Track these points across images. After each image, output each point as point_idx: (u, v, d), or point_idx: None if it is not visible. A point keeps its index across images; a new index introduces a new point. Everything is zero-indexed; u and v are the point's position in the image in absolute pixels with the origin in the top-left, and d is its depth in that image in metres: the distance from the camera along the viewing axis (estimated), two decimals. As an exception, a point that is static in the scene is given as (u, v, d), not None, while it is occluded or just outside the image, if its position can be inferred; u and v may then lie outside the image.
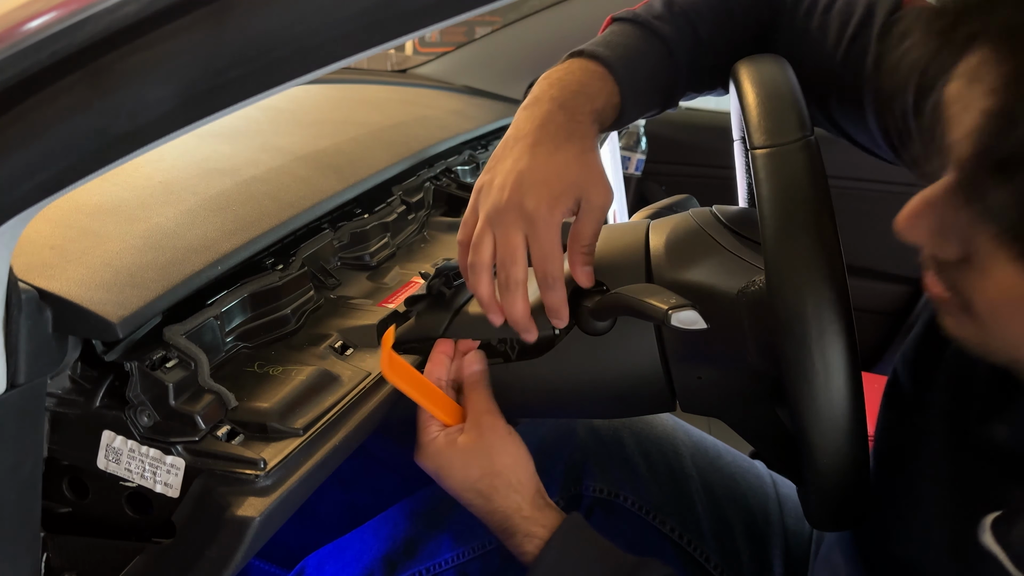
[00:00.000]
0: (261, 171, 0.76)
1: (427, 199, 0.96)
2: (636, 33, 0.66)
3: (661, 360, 0.62)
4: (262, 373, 0.60)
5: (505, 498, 0.61)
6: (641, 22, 0.66)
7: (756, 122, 0.53)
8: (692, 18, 0.67)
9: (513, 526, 0.61)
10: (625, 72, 0.63)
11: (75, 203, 0.62)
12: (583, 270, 0.60)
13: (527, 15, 1.40)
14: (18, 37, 0.38)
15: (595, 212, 0.59)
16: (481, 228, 0.59)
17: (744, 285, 0.58)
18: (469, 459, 0.61)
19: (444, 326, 0.67)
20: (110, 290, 0.52)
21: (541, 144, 0.58)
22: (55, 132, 0.39)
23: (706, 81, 0.71)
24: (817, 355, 0.48)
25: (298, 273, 0.69)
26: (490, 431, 0.62)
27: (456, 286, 0.69)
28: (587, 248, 0.60)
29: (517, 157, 0.59)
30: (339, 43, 0.39)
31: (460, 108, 1.26)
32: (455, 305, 0.68)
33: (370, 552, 0.75)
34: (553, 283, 0.58)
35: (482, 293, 0.60)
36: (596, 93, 0.62)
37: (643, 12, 0.67)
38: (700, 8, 0.68)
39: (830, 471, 0.50)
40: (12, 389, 0.46)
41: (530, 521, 0.61)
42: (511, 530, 0.61)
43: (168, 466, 0.53)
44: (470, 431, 0.62)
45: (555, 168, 0.58)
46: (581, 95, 0.61)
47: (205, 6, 0.38)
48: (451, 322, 0.67)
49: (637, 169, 1.75)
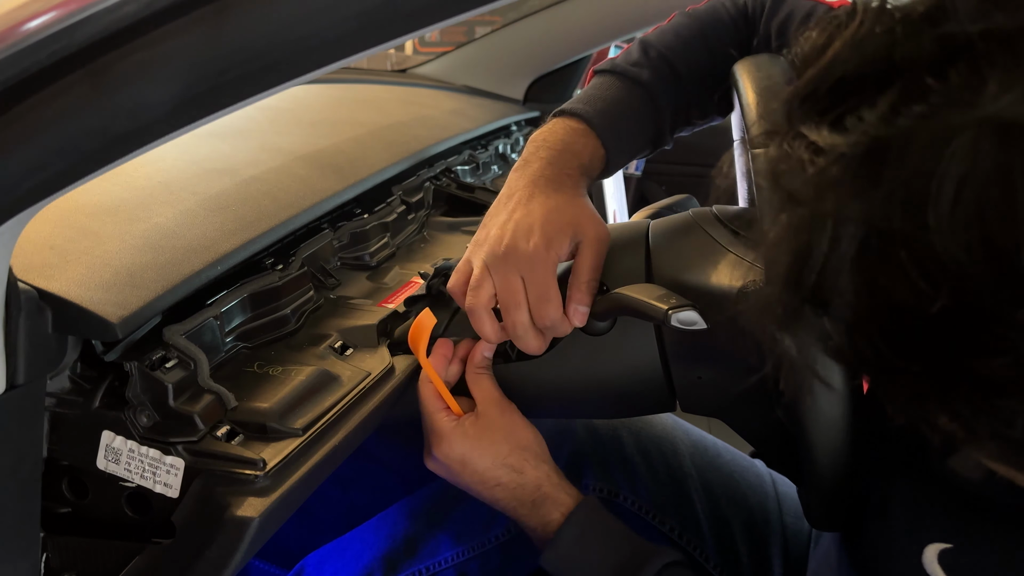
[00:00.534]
0: (261, 171, 0.76)
1: (427, 199, 0.96)
2: (615, 84, 0.70)
3: (661, 360, 0.62)
4: (262, 373, 0.60)
5: (536, 468, 0.63)
6: (619, 72, 0.70)
7: (756, 122, 0.53)
8: (669, 58, 0.70)
9: (544, 495, 0.63)
10: (606, 125, 0.67)
11: (75, 203, 0.62)
12: (578, 309, 0.60)
13: (527, 15, 1.40)
14: (18, 37, 0.38)
15: (592, 246, 0.61)
16: (479, 273, 0.61)
17: (744, 285, 0.58)
18: (496, 436, 0.63)
19: (444, 326, 0.67)
20: (110, 290, 0.52)
21: (534, 197, 0.62)
22: (55, 132, 0.39)
23: (696, 114, 0.74)
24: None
25: (298, 273, 0.69)
26: (508, 410, 0.65)
27: None
28: (587, 285, 0.60)
29: (512, 210, 0.62)
30: (339, 43, 0.39)
31: (460, 108, 1.26)
32: (454, 304, 0.68)
33: (370, 551, 0.75)
34: (553, 324, 0.60)
35: (488, 334, 0.62)
36: (581, 150, 0.66)
37: (621, 61, 0.71)
38: (675, 47, 0.71)
39: (829, 471, 0.50)
40: (12, 389, 0.46)
41: (559, 488, 0.64)
42: (541, 499, 0.63)
43: (168, 466, 0.53)
44: (488, 412, 0.64)
45: (548, 212, 0.61)
46: (567, 152, 0.65)
47: (205, 6, 0.38)
48: (450, 321, 0.67)
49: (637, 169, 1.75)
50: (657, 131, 0.72)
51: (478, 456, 0.63)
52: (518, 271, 0.60)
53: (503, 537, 0.76)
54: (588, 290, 0.61)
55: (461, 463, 0.64)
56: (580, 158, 0.65)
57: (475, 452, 0.63)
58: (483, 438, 0.63)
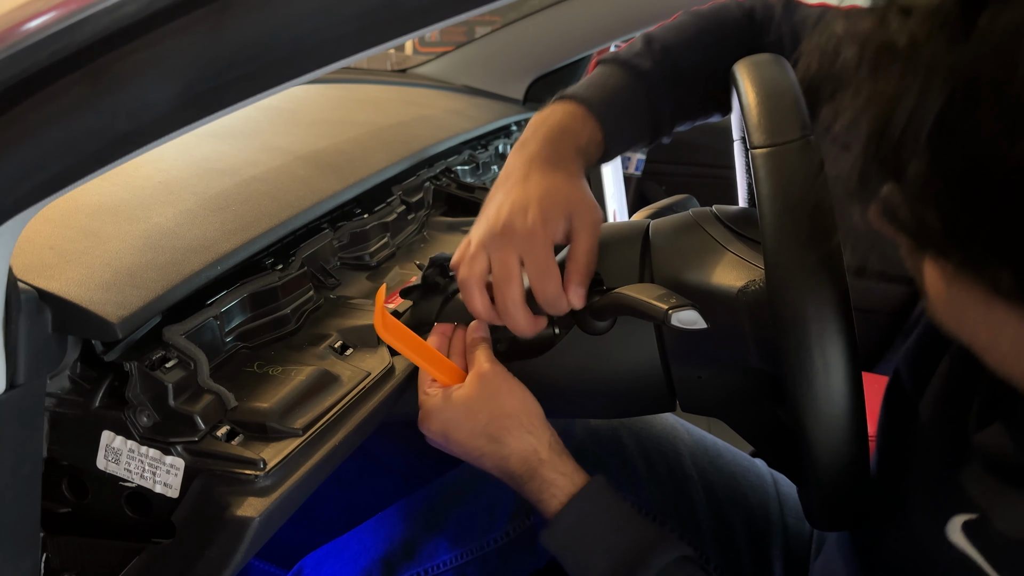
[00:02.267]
0: (261, 171, 0.76)
1: (427, 199, 0.96)
2: (616, 72, 0.70)
3: (661, 360, 0.62)
4: (262, 373, 0.60)
5: (519, 440, 0.61)
6: (621, 62, 0.71)
7: (756, 122, 0.53)
8: (671, 52, 0.71)
9: (530, 469, 0.60)
10: (604, 110, 0.67)
11: (75, 203, 0.62)
12: (576, 290, 0.60)
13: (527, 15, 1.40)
14: (18, 37, 0.38)
15: (588, 228, 0.61)
16: (475, 249, 0.61)
17: (744, 285, 0.58)
18: (474, 405, 0.61)
19: (436, 312, 0.68)
20: (110, 290, 0.52)
21: (531, 176, 0.62)
22: (55, 132, 0.39)
23: (696, 109, 0.75)
24: (817, 355, 0.48)
25: (298, 273, 0.69)
26: (493, 377, 0.62)
27: (451, 276, 0.70)
28: (586, 267, 0.60)
29: (508, 189, 0.62)
30: (339, 43, 0.39)
31: (460, 108, 1.26)
32: (448, 291, 0.69)
33: (368, 553, 0.75)
34: (554, 300, 0.60)
35: (477, 308, 0.62)
36: (579, 131, 0.66)
37: (624, 52, 0.72)
38: (678, 42, 0.72)
39: (830, 471, 0.50)
40: (12, 389, 0.46)
41: (547, 466, 0.61)
42: (528, 474, 0.60)
43: (168, 466, 0.53)
44: (472, 381, 0.62)
45: (545, 191, 0.61)
46: (565, 134, 0.65)
47: (205, 6, 0.38)
48: (443, 307, 0.68)
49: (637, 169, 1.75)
50: (656, 121, 0.72)
51: (455, 428, 0.61)
52: (515, 248, 0.59)
53: (502, 540, 0.76)
54: (587, 272, 0.60)
55: (444, 436, 0.62)
56: (578, 140, 0.65)
57: (452, 424, 0.61)
58: (460, 407, 0.61)
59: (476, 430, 0.61)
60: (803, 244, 0.49)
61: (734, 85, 0.59)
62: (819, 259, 0.48)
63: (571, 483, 0.60)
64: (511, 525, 0.76)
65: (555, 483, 0.60)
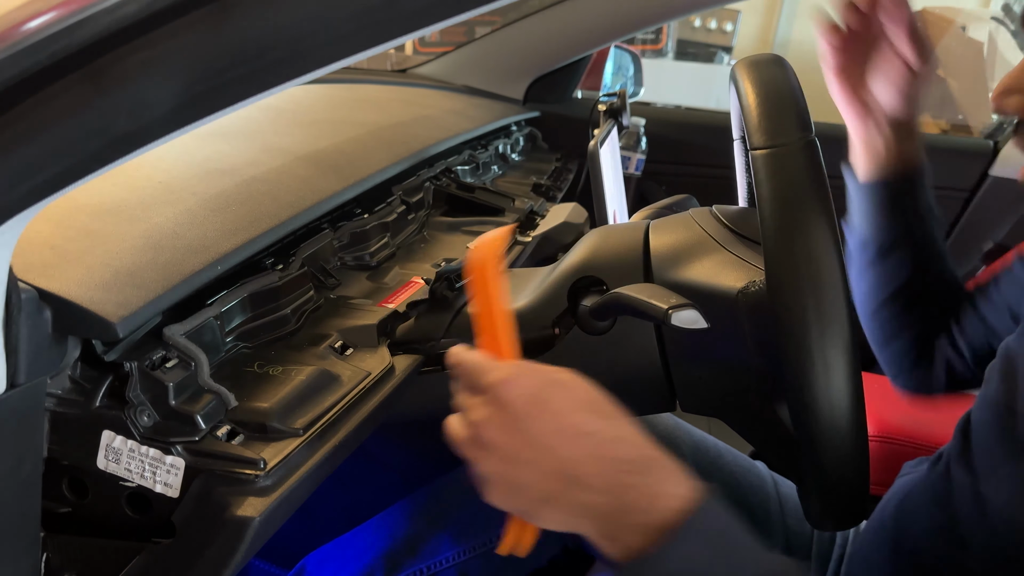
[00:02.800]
0: (261, 171, 0.76)
1: (427, 199, 0.96)
2: None
3: (661, 360, 0.62)
4: (262, 373, 0.60)
5: (630, 424, 0.48)
6: None
7: (756, 123, 0.53)
8: None
9: (646, 459, 0.46)
10: None
11: (75, 203, 0.62)
12: None
13: (527, 15, 1.40)
14: (18, 37, 0.38)
15: None
16: None
17: (744, 285, 0.58)
18: (566, 378, 0.48)
19: (445, 327, 0.67)
20: (110, 290, 0.52)
21: None
22: (55, 132, 0.39)
23: None
24: (817, 355, 0.48)
25: (298, 273, 0.69)
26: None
27: (458, 289, 0.69)
28: None
29: None
30: (339, 43, 0.39)
31: (460, 108, 1.26)
32: (456, 307, 0.68)
33: (371, 550, 0.75)
34: None
35: None
36: None
37: None
38: None
39: (830, 471, 0.50)
40: (12, 389, 0.46)
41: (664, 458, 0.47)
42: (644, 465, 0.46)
43: (168, 466, 0.53)
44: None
45: None
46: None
47: (204, 6, 0.38)
48: (452, 323, 0.67)
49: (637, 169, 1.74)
50: None
51: (554, 394, 0.47)
52: None
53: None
54: None
55: (537, 403, 0.46)
56: None
57: (550, 390, 0.47)
58: (556, 375, 0.48)
59: (578, 401, 0.47)
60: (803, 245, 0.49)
61: (734, 85, 0.59)
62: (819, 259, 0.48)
63: (687, 486, 0.45)
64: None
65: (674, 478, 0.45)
